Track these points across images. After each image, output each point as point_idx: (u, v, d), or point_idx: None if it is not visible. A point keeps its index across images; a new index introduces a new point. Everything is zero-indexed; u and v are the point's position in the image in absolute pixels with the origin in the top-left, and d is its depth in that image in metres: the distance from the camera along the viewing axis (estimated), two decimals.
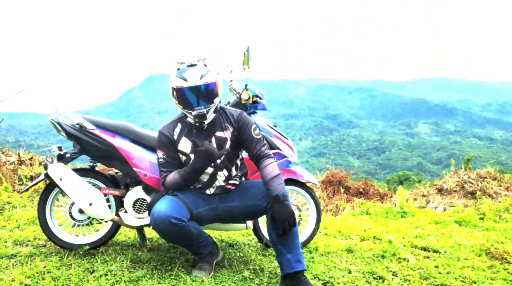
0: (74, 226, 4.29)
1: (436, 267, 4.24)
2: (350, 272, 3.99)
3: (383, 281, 3.81)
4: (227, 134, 3.70)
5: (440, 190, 10.06)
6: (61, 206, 4.35)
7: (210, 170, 3.68)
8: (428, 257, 4.65)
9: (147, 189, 4.09)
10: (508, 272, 4.16)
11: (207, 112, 3.53)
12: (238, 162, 3.86)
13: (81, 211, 4.18)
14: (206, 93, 3.51)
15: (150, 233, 4.99)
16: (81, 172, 4.19)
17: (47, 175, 3.95)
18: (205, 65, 3.55)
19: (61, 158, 4.09)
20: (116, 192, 4.15)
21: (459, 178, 10.27)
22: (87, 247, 4.19)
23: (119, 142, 4.06)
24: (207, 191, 3.77)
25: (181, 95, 3.52)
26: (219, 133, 3.70)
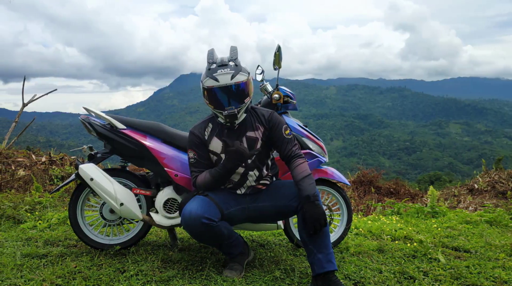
0: (105, 226, 4.32)
1: (467, 267, 4.19)
2: (381, 272, 3.96)
3: (414, 281, 3.78)
4: (258, 134, 3.69)
5: (471, 190, 9.95)
6: (92, 206, 4.39)
7: (241, 170, 3.68)
8: (459, 257, 4.59)
9: (178, 189, 4.09)
10: None
11: (238, 112, 3.53)
12: (269, 162, 3.85)
13: (112, 211, 4.21)
14: (237, 93, 3.50)
15: (181, 233, 5.01)
16: (112, 172, 4.21)
17: (78, 175, 3.97)
18: (236, 65, 3.52)
19: (92, 158, 4.12)
20: (147, 192, 4.17)
21: (490, 178, 10.14)
22: (118, 247, 4.22)
23: (150, 142, 4.06)
24: (238, 191, 3.76)
25: (212, 95, 3.51)
26: (250, 133, 3.69)
